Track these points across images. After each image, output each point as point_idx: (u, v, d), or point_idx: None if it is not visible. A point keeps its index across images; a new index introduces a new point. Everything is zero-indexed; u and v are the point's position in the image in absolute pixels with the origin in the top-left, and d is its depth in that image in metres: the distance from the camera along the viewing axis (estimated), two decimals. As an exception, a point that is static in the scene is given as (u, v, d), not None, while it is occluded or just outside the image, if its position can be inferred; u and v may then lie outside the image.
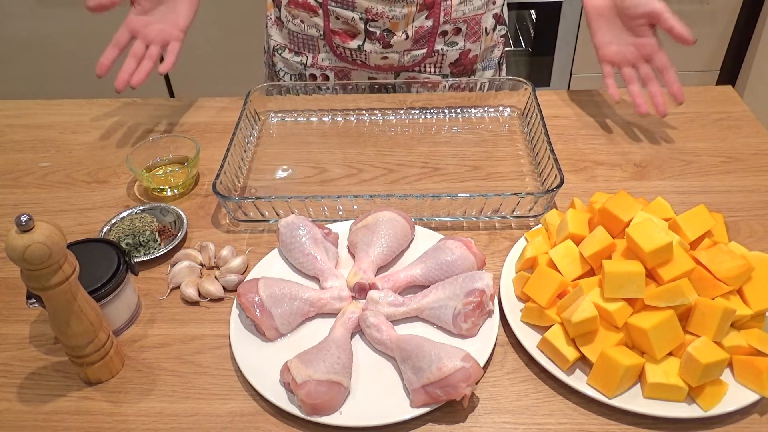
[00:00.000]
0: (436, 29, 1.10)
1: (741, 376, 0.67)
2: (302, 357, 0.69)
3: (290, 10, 1.13)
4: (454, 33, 1.13)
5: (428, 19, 1.09)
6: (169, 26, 1.04)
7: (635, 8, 0.97)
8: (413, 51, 1.13)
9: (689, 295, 0.67)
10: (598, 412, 0.67)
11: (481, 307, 0.73)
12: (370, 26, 1.08)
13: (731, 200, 0.93)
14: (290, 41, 1.17)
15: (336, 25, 1.10)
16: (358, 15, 1.07)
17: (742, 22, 2.13)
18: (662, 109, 1.01)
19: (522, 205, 0.88)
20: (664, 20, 0.96)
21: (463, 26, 1.12)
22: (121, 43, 1.02)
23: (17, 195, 0.98)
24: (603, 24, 1.02)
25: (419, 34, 1.10)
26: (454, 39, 1.13)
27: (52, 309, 0.65)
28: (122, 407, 0.70)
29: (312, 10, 1.10)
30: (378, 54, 1.12)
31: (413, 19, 1.08)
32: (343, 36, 1.11)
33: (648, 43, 1.00)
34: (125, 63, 1.02)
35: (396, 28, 1.09)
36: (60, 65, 2.28)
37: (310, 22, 1.12)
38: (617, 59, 1.03)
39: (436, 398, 0.66)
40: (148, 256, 0.85)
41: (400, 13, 1.07)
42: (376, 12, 1.06)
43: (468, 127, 1.09)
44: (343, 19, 1.09)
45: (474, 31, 1.14)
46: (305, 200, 0.89)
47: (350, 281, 0.79)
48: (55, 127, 1.13)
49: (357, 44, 1.11)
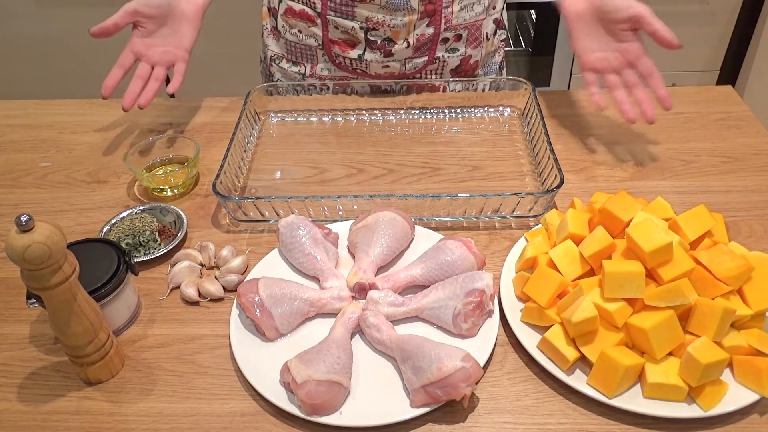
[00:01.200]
0: (437, 36, 1.09)
1: (741, 376, 0.67)
2: (302, 357, 0.69)
3: (287, 20, 1.11)
4: (455, 39, 1.12)
5: (429, 27, 1.08)
6: (174, 48, 1.03)
7: (617, 13, 0.94)
8: (414, 59, 1.12)
9: (689, 295, 0.67)
10: (598, 412, 0.67)
11: (481, 307, 0.73)
12: (370, 35, 1.07)
13: (731, 200, 0.93)
14: (288, 51, 1.16)
15: (335, 35, 1.09)
16: (358, 24, 1.06)
17: (742, 22, 2.13)
18: (650, 115, 0.95)
19: (522, 205, 0.88)
20: (647, 24, 0.92)
21: (464, 32, 1.11)
22: (125, 65, 1.01)
23: (17, 195, 0.98)
24: (584, 30, 0.98)
25: (420, 41, 1.09)
26: (455, 45, 1.12)
27: (52, 309, 0.65)
28: (122, 407, 0.70)
29: (310, 20, 1.09)
30: (379, 63, 1.11)
31: (414, 27, 1.07)
32: (343, 46, 1.10)
33: (632, 48, 0.95)
34: (131, 84, 1.01)
35: (397, 37, 1.08)
36: (60, 65, 2.28)
37: (309, 32, 1.11)
38: (600, 66, 0.98)
39: (436, 398, 0.66)
40: (148, 256, 0.85)
41: (401, 22, 1.06)
42: (376, 21, 1.05)
43: (468, 127, 1.09)
44: (342, 28, 1.08)
45: (475, 37, 1.13)
46: (305, 200, 0.89)
47: (350, 281, 0.79)
48: (55, 127, 1.13)
49: (357, 53, 1.10)
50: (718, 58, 2.21)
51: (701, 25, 2.12)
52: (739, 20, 2.13)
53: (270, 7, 1.14)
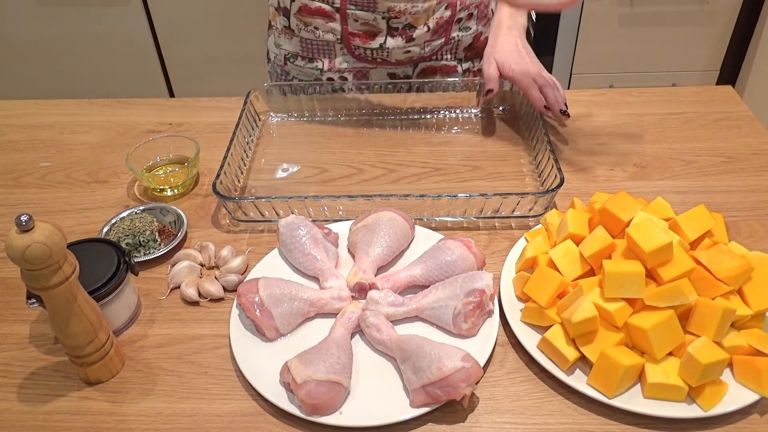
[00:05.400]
0: (453, 18, 1.12)
1: (741, 376, 0.67)
2: (302, 357, 0.69)
3: (301, 18, 1.12)
4: (467, 18, 1.15)
5: (447, 10, 1.11)
6: None
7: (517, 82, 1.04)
8: (432, 41, 1.14)
9: (689, 295, 0.67)
10: (598, 412, 0.67)
11: (481, 307, 0.73)
12: (392, 23, 1.09)
13: (731, 200, 0.93)
14: (303, 49, 1.16)
15: (355, 27, 1.10)
16: (380, 15, 1.08)
17: (742, 22, 2.13)
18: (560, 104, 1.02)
19: (522, 205, 0.88)
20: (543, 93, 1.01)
21: (474, 11, 1.14)
22: None
23: (17, 195, 0.98)
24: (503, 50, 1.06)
25: (438, 24, 1.12)
26: (467, 24, 1.15)
27: (52, 309, 0.65)
28: (122, 407, 0.70)
29: (328, 16, 1.10)
30: (400, 49, 1.13)
31: (434, 12, 1.10)
32: (363, 37, 1.11)
33: None
34: None
35: (417, 23, 1.10)
36: (60, 65, 2.28)
37: (326, 27, 1.11)
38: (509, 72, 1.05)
39: (436, 398, 0.66)
40: (148, 256, 0.85)
41: (422, 8, 1.08)
42: (398, 10, 1.07)
43: (468, 127, 1.09)
44: (362, 20, 1.09)
45: (484, 14, 1.17)
46: (305, 200, 0.89)
47: (350, 281, 0.79)
48: (55, 127, 1.13)
49: (378, 43, 1.12)
50: (718, 58, 2.21)
51: (701, 25, 2.12)
52: (739, 20, 2.13)
53: (280, 6, 1.15)
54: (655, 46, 2.14)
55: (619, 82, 2.22)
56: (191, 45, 2.22)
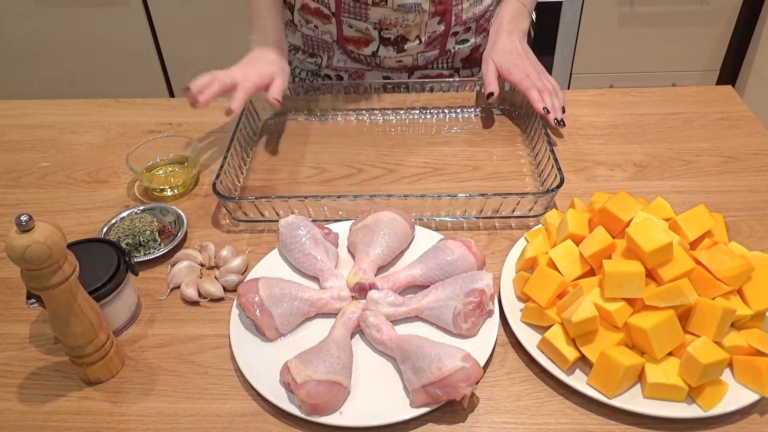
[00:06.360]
0: (447, 31, 1.11)
1: (741, 376, 0.67)
2: (302, 357, 0.69)
3: (303, 15, 1.13)
4: (464, 32, 1.14)
5: (440, 24, 1.10)
6: None
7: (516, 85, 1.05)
8: (426, 53, 1.14)
9: (689, 295, 0.67)
10: (598, 412, 0.67)
11: (481, 307, 0.73)
12: (383, 34, 1.09)
13: (731, 200, 0.93)
14: (304, 43, 1.18)
15: (349, 33, 1.11)
16: (371, 25, 1.08)
17: (742, 22, 2.13)
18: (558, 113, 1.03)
19: (522, 205, 0.88)
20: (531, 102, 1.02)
21: (473, 24, 1.14)
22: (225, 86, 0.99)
23: (17, 195, 0.98)
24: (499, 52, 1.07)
25: (432, 37, 1.11)
26: (465, 37, 1.15)
27: (52, 309, 0.65)
28: (122, 407, 0.70)
29: (325, 18, 1.11)
30: (392, 58, 1.13)
31: (426, 26, 1.09)
32: (357, 43, 1.12)
33: None
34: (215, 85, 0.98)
35: (409, 35, 1.10)
36: (60, 65, 2.28)
37: (324, 28, 1.13)
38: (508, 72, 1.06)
39: (436, 398, 0.66)
40: (148, 256, 0.85)
41: (413, 21, 1.08)
42: (389, 22, 1.08)
43: (468, 127, 1.09)
44: (356, 28, 1.10)
45: (483, 28, 1.16)
46: (305, 200, 0.89)
47: (350, 281, 0.79)
48: (55, 127, 1.13)
49: (371, 50, 1.12)
50: (718, 58, 2.21)
51: (701, 25, 2.12)
52: (739, 20, 2.13)
53: (285, 1, 1.15)
54: (655, 46, 2.14)
55: (619, 82, 2.22)
56: (191, 45, 2.22)
